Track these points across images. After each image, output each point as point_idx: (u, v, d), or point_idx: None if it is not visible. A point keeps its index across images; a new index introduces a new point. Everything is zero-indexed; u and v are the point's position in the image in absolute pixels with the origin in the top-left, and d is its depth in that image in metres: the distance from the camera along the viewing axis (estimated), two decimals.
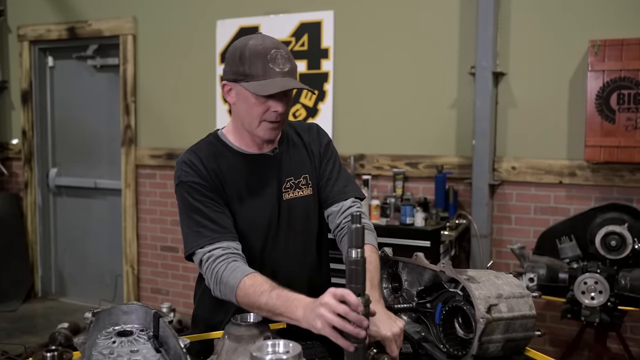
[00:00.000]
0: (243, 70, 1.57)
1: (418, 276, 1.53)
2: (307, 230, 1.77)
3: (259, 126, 1.62)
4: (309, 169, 1.78)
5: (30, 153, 5.23)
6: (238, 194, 1.67)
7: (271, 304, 1.41)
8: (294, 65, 1.62)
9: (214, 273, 1.53)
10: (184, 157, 1.68)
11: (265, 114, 1.59)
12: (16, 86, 5.28)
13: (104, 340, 1.37)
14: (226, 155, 1.70)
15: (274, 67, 1.55)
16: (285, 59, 1.58)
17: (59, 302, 5.25)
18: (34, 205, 5.28)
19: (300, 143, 1.80)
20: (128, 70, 4.70)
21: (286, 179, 1.72)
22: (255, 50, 1.56)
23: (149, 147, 4.69)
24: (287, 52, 1.61)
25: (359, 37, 3.93)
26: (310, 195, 1.77)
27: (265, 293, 1.43)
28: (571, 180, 3.42)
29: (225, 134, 1.74)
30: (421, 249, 3.09)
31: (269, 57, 1.55)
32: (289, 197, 1.72)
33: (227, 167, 1.67)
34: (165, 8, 4.57)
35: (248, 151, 1.71)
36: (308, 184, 1.76)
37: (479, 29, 3.50)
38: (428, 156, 3.74)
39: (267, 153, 1.72)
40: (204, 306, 1.78)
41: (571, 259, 2.93)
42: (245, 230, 1.66)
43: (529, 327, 1.35)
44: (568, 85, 3.41)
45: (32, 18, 5.11)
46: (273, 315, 1.42)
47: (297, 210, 1.73)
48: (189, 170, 1.64)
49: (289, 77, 1.58)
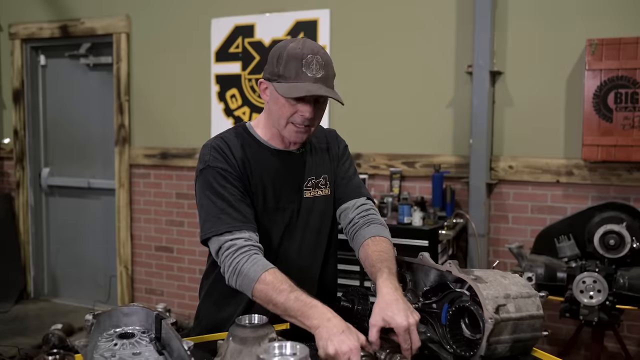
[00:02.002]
0: (277, 71, 1.60)
1: (423, 276, 1.51)
2: (321, 228, 1.82)
3: (285, 127, 1.65)
4: (327, 170, 1.84)
5: (22, 152, 5.17)
6: (262, 186, 1.70)
7: (288, 305, 1.43)
8: (331, 73, 1.63)
9: (234, 263, 1.54)
10: (213, 143, 1.69)
11: (292, 117, 1.62)
12: (7, 85, 5.22)
13: (105, 343, 1.34)
14: (253, 146, 1.73)
15: (307, 71, 1.57)
16: (320, 65, 1.59)
17: (52, 303, 5.20)
18: (26, 206, 5.22)
19: (321, 145, 1.86)
20: (122, 69, 4.66)
21: (308, 178, 1.78)
22: (293, 53, 1.58)
23: (143, 147, 4.65)
24: (326, 59, 1.62)
25: (355, 36, 3.91)
26: (328, 195, 1.83)
27: (284, 293, 1.45)
28: (568, 179, 3.42)
29: (253, 127, 1.77)
30: (419, 249, 3.10)
31: (304, 62, 1.57)
32: (309, 195, 1.78)
33: (253, 158, 1.71)
34: (159, 6, 4.53)
35: (275, 146, 1.75)
36: (326, 185, 1.82)
37: (475, 28, 3.49)
38: (425, 155, 3.73)
39: (293, 151, 1.77)
40: (211, 300, 1.78)
41: (569, 258, 2.93)
42: (265, 222, 1.70)
43: (536, 327, 1.34)
44: (565, 84, 3.41)
45: (24, 16, 5.05)
46: (285, 316, 1.45)
47: (315, 209, 1.79)
48: (218, 155, 1.66)
49: (321, 83, 1.59)
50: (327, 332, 1.34)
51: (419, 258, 1.47)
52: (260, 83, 1.70)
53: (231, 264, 1.54)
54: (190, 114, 4.45)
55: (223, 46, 4.28)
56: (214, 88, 4.34)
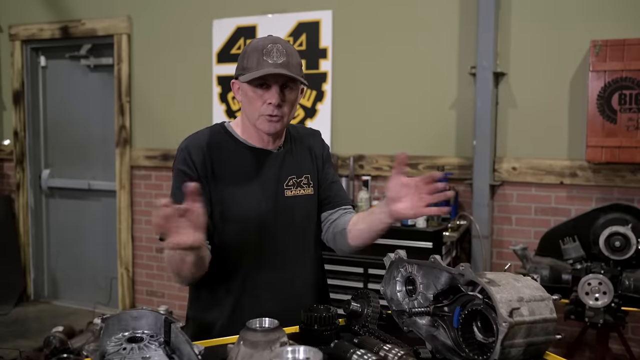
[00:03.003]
0: (242, 65, 1.65)
1: (434, 279, 1.49)
2: (306, 228, 1.80)
3: (258, 119, 1.66)
4: (310, 170, 1.82)
5: (22, 154, 5.15)
6: (236, 184, 1.69)
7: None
8: (293, 61, 1.64)
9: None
10: (183, 144, 1.72)
11: (262, 107, 1.64)
12: (8, 86, 5.20)
13: (114, 347, 1.33)
14: (229, 145, 1.73)
15: (268, 59, 1.60)
16: (280, 52, 1.61)
17: (52, 305, 5.17)
18: (26, 207, 5.20)
19: (303, 145, 1.85)
20: (122, 70, 4.64)
21: (288, 177, 1.76)
22: (255, 45, 1.64)
23: (144, 148, 4.64)
24: (287, 47, 1.64)
25: (358, 37, 3.90)
26: (311, 194, 1.81)
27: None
28: (572, 181, 3.41)
29: (232, 126, 1.78)
30: (423, 250, 3.10)
31: (265, 51, 1.61)
32: (291, 194, 1.76)
33: (227, 157, 1.71)
34: (161, 7, 4.52)
35: (253, 144, 1.74)
36: (309, 184, 1.81)
37: (479, 28, 3.49)
38: (428, 157, 3.72)
39: (271, 149, 1.76)
40: (198, 305, 1.77)
41: (574, 260, 2.91)
42: (241, 219, 1.68)
43: (550, 330, 1.33)
44: (569, 85, 3.40)
45: (24, 17, 5.03)
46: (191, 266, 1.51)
47: (298, 208, 1.77)
48: (184, 156, 1.68)
49: (283, 68, 1.60)
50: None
51: (431, 261, 1.45)
52: (232, 84, 1.73)
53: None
54: (192, 115, 4.43)
55: (225, 47, 4.27)
56: (216, 89, 4.32)
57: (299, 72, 1.66)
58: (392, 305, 1.58)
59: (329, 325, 1.50)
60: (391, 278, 1.60)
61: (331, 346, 1.43)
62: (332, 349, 1.41)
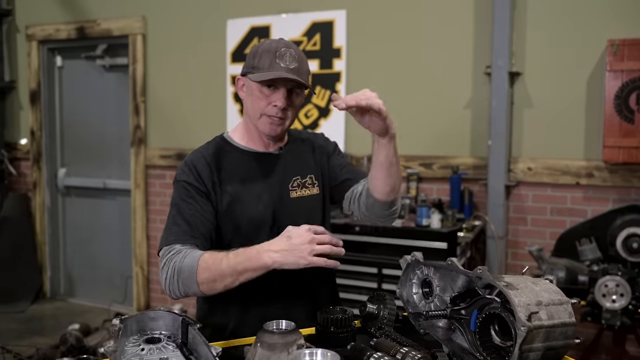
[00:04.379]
0: (252, 64, 1.65)
1: (450, 282, 1.49)
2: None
3: (260, 119, 1.67)
4: (314, 170, 1.82)
5: (38, 153, 5.20)
6: (241, 191, 1.69)
7: (232, 262, 1.48)
8: (304, 68, 1.66)
9: (171, 266, 1.54)
10: (188, 158, 1.74)
11: (266, 108, 1.65)
12: (24, 86, 5.25)
13: (132, 348, 1.34)
14: (231, 153, 1.74)
15: (280, 62, 1.61)
16: (293, 57, 1.63)
17: (68, 303, 5.22)
18: (43, 206, 5.25)
19: (306, 146, 1.86)
20: (137, 70, 4.67)
21: (292, 178, 1.77)
22: (268, 47, 1.65)
23: (158, 147, 4.66)
24: (299, 53, 1.66)
25: (372, 37, 3.89)
26: (317, 194, 1.81)
27: (224, 258, 1.50)
28: (588, 182, 3.38)
29: (231, 136, 1.80)
30: (438, 251, 3.09)
31: (278, 54, 1.62)
32: (296, 195, 1.76)
33: (231, 166, 1.72)
34: (175, 7, 4.53)
35: (253, 149, 1.75)
36: (314, 184, 1.81)
37: (494, 28, 3.46)
38: (442, 157, 3.70)
39: (273, 152, 1.77)
40: (207, 308, 1.78)
41: (591, 261, 2.89)
42: (248, 225, 1.68)
43: (568, 334, 1.32)
44: (585, 85, 3.37)
45: (41, 18, 5.08)
46: (238, 275, 1.49)
47: (304, 209, 1.77)
48: (187, 170, 1.69)
49: (294, 74, 1.61)
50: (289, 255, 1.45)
51: (447, 263, 1.45)
52: (237, 80, 1.74)
53: (170, 266, 1.54)
54: (206, 114, 4.45)
55: (239, 47, 4.28)
56: (230, 89, 4.34)
57: (307, 81, 1.69)
58: (409, 308, 1.57)
59: (346, 328, 1.50)
60: (407, 280, 1.60)
61: (347, 348, 1.43)
62: (348, 352, 1.41)
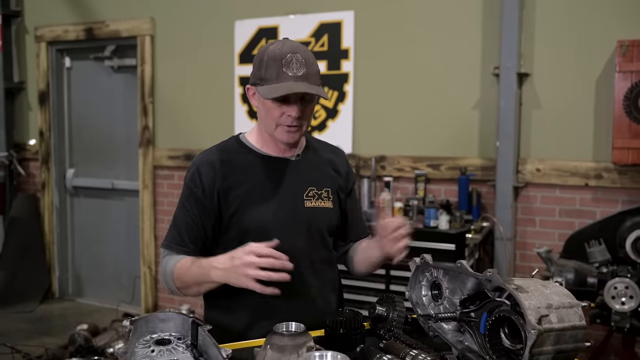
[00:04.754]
0: (260, 75, 1.62)
1: (460, 284, 1.49)
2: (325, 241, 1.78)
3: (276, 129, 1.65)
4: (330, 185, 1.80)
5: (47, 154, 5.23)
6: (251, 195, 1.68)
7: (193, 275, 1.58)
8: (313, 70, 1.62)
9: (161, 268, 1.70)
10: (197, 158, 1.75)
11: (280, 118, 1.62)
12: (33, 87, 5.28)
13: (142, 349, 1.34)
14: (244, 156, 1.72)
15: (287, 71, 1.58)
16: (300, 63, 1.59)
17: (76, 302, 5.25)
18: (51, 206, 5.28)
19: (325, 160, 1.83)
20: (146, 71, 4.68)
21: (308, 187, 1.74)
22: (273, 54, 1.60)
23: (166, 148, 4.68)
24: (306, 56, 1.61)
25: (380, 38, 3.89)
26: (331, 208, 1.79)
27: (189, 269, 1.60)
28: (597, 183, 3.36)
29: (247, 137, 1.78)
30: (446, 252, 3.09)
31: (284, 62, 1.58)
32: (311, 205, 1.74)
33: (241, 169, 1.70)
34: (183, 8, 4.55)
35: (269, 153, 1.73)
36: (329, 197, 1.78)
37: (503, 29, 3.45)
38: (450, 158, 3.70)
39: (289, 157, 1.74)
40: (215, 312, 1.78)
41: (600, 263, 2.88)
42: (257, 229, 1.66)
43: (579, 338, 1.31)
44: (594, 86, 3.35)
45: (50, 19, 5.11)
46: (199, 285, 1.60)
47: (318, 220, 1.75)
48: (194, 173, 1.71)
49: (303, 81, 1.58)
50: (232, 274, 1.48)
51: (457, 266, 1.44)
52: (247, 89, 1.70)
53: (160, 270, 1.72)
54: (214, 115, 4.46)
55: (247, 48, 4.29)
56: (238, 90, 4.34)
57: (318, 82, 1.64)
58: (418, 310, 1.57)
59: (355, 330, 1.50)
60: (416, 282, 1.59)
61: (357, 350, 1.43)
62: (358, 354, 1.42)
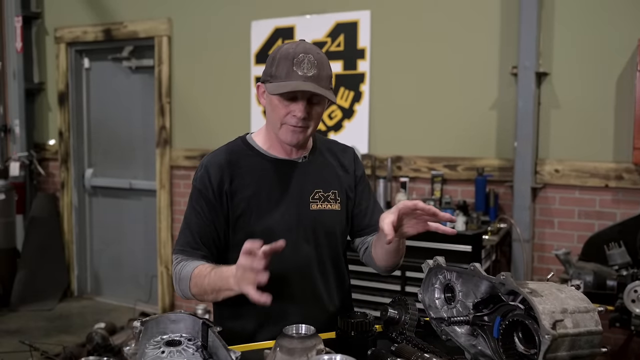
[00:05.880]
0: (270, 72, 1.61)
1: (473, 287, 1.46)
2: (332, 244, 1.76)
3: (280, 128, 1.63)
4: (338, 187, 1.77)
5: (66, 154, 5.29)
6: (257, 197, 1.67)
7: (212, 282, 1.54)
8: (324, 73, 1.60)
9: (175, 272, 1.66)
10: (205, 160, 1.72)
11: (286, 117, 1.61)
12: (53, 88, 5.34)
13: (152, 350, 1.34)
14: (250, 158, 1.71)
15: (298, 70, 1.56)
16: (312, 64, 1.57)
17: (95, 301, 5.30)
18: (70, 206, 5.34)
19: (333, 160, 1.80)
20: (163, 72, 4.71)
21: (314, 190, 1.72)
22: (286, 53, 1.59)
23: (183, 148, 4.70)
24: (319, 58, 1.59)
25: (396, 37, 3.86)
26: (338, 210, 1.76)
27: (206, 276, 1.56)
28: (618, 184, 3.30)
29: (253, 138, 1.76)
30: (462, 254, 3.05)
31: (295, 61, 1.57)
32: (317, 207, 1.72)
33: (247, 171, 1.68)
34: (200, 9, 4.57)
35: (275, 155, 1.71)
36: (337, 200, 1.76)
37: (521, 27, 3.41)
38: (467, 158, 3.66)
39: (295, 159, 1.72)
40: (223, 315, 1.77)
41: (620, 266, 2.82)
42: (264, 232, 1.64)
43: (595, 343, 1.29)
44: (615, 85, 3.29)
45: (69, 20, 5.16)
46: (217, 293, 1.55)
47: (324, 223, 1.73)
48: (203, 174, 1.69)
49: (312, 82, 1.56)
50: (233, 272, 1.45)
51: (470, 269, 1.42)
52: (257, 87, 1.69)
53: (174, 275, 1.67)
54: (230, 115, 4.47)
55: (263, 48, 4.29)
56: (254, 90, 4.35)
57: (328, 85, 1.62)
58: (431, 313, 1.55)
59: (366, 332, 1.49)
60: (429, 285, 1.57)
61: (368, 354, 1.42)
62: (368, 357, 1.40)
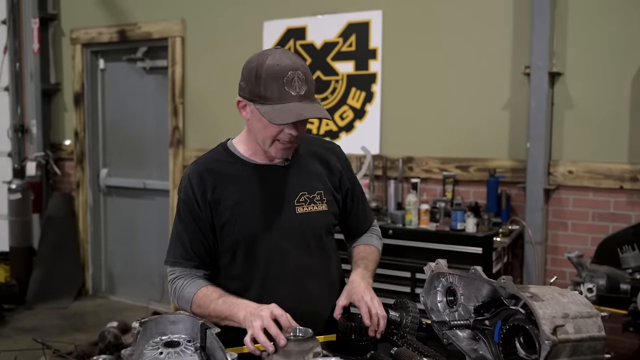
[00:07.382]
0: (258, 92, 1.54)
1: (475, 291, 1.45)
2: (320, 245, 1.74)
3: (271, 145, 1.61)
4: (323, 187, 1.75)
5: (82, 153, 5.35)
6: (241, 204, 1.65)
7: (218, 309, 1.56)
8: (312, 87, 1.58)
9: (174, 288, 1.68)
10: (188, 171, 1.71)
11: (279, 135, 1.58)
12: (69, 88, 5.40)
13: (151, 351, 1.35)
14: (231, 166, 1.69)
15: (290, 90, 1.52)
16: (302, 80, 1.53)
17: (109, 300, 5.35)
18: (85, 205, 5.39)
19: (317, 160, 1.78)
20: (176, 72, 4.74)
21: (299, 193, 1.70)
22: (272, 71, 1.52)
23: (196, 149, 4.72)
24: (305, 71, 1.56)
25: (408, 37, 3.84)
26: (325, 211, 1.74)
27: (213, 301, 1.58)
28: (633, 186, 3.24)
29: (234, 144, 1.74)
30: (473, 256, 3.02)
31: (285, 80, 1.52)
32: (303, 211, 1.69)
33: (229, 179, 1.67)
34: (213, 10, 4.58)
35: (257, 161, 1.69)
36: (323, 200, 1.73)
37: (534, 27, 3.37)
38: (479, 159, 3.62)
39: (278, 164, 1.70)
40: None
41: (634, 269, 2.76)
42: (249, 239, 1.64)
43: (597, 349, 1.26)
44: (630, 85, 3.23)
45: (85, 21, 5.22)
46: (220, 320, 1.56)
47: (312, 225, 1.71)
48: (186, 184, 1.68)
49: (306, 100, 1.54)
50: (252, 314, 1.45)
51: (471, 272, 1.40)
52: (238, 102, 1.63)
53: (172, 289, 1.69)
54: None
55: None
56: None
57: (314, 96, 1.60)
58: (432, 316, 1.54)
59: (367, 336, 1.48)
60: (432, 288, 1.56)
61: (367, 357, 1.41)
62: None
